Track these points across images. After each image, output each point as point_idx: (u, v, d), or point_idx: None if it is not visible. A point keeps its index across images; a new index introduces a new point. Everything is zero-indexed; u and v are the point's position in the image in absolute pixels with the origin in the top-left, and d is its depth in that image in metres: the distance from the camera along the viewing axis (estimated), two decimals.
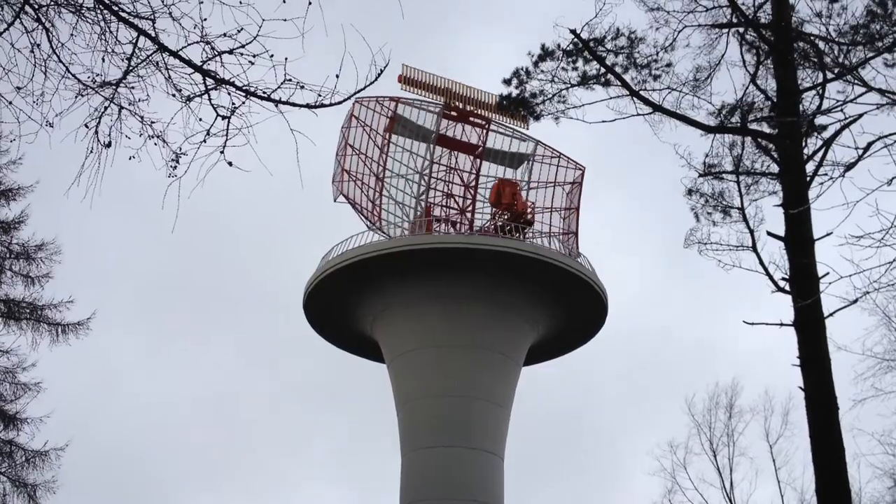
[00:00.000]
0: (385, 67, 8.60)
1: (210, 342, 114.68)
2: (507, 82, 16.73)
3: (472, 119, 52.12)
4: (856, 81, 15.12)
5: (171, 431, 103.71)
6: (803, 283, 15.04)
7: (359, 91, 8.79)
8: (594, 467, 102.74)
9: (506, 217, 49.58)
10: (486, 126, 52.14)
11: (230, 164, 9.07)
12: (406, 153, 51.71)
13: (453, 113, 51.67)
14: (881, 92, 14.68)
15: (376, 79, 8.66)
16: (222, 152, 9.10)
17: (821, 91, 15.80)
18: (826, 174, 15.26)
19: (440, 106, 51.11)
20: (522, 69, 16.67)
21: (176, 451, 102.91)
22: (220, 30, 9.02)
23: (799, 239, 15.31)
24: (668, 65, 16.24)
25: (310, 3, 8.77)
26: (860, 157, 14.68)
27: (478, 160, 52.44)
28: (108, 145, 9.25)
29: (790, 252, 15.38)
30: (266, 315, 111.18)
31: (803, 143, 15.82)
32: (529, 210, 50.43)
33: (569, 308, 48.36)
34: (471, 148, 52.51)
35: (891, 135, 14.26)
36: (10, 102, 9.33)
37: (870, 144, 14.52)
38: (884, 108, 14.74)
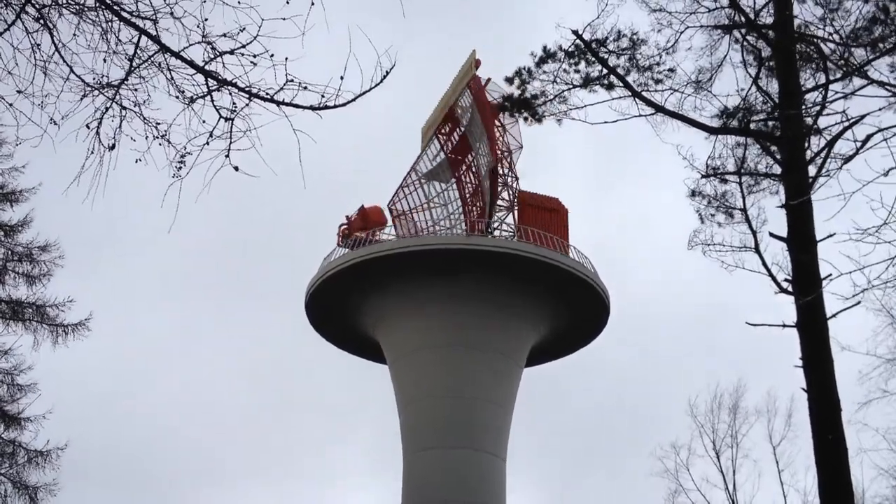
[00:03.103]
0: (392, 69, 8.51)
1: (214, 342, 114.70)
2: (510, 81, 16.72)
3: (457, 117, 53.10)
4: (857, 75, 15.06)
5: (174, 432, 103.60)
6: (805, 281, 15.00)
7: (364, 93, 8.70)
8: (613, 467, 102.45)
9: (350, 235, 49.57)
10: (459, 119, 52.76)
11: (236, 168, 8.97)
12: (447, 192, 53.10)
13: (440, 135, 53.15)
14: (882, 84, 14.62)
15: (382, 80, 8.57)
16: (227, 156, 9.01)
17: (823, 92, 15.76)
18: (828, 174, 15.23)
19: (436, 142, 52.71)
20: (524, 69, 16.63)
21: (176, 452, 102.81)
22: (221, 30, 8.94)
23: (800, 237, 15.26)
24: (672, 69, 16.20)
25: (312, 4, 8.70)
26: (858, 150, 14.64)
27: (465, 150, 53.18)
28: (112, 147, 9.15)
29: (792, 251, 15.34)
30: (271, 316, 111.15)
31: (805, 144, 15.78)
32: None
33: (570, 308, 48.31)
34: (464, 144, 53.21)
35: (890, 128, 14.22)
36: (11, 105, 9.27)
37: (869, 137, 14.50)
38: (885, 108, 14.69)
